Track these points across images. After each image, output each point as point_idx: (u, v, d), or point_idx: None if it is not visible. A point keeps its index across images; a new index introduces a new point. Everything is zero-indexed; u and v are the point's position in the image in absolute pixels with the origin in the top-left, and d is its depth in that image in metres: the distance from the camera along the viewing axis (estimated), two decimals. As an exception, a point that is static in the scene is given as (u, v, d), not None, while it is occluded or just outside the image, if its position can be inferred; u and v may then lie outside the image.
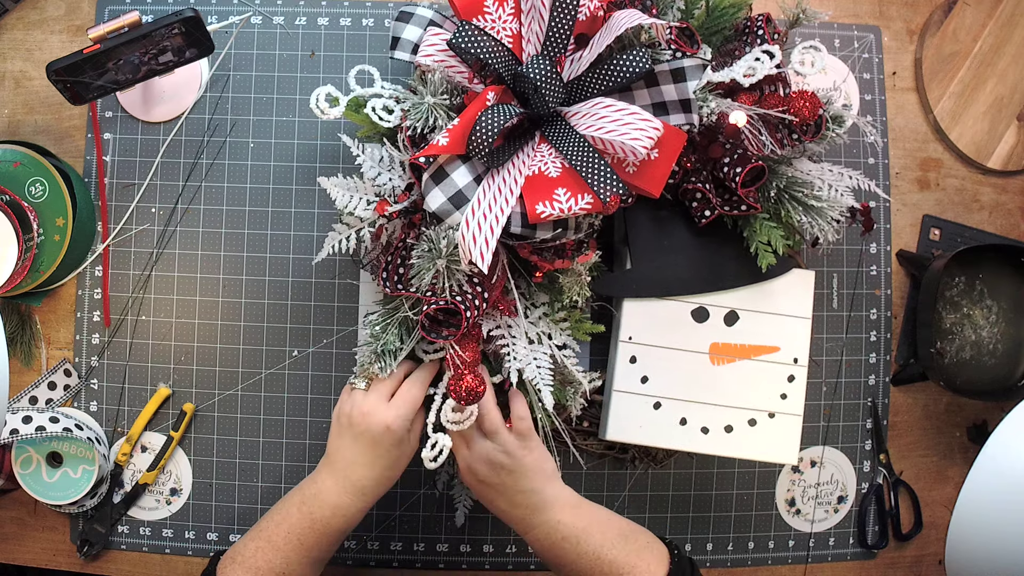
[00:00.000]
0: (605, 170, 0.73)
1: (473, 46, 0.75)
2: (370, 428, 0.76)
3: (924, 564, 1.02)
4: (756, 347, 0.87)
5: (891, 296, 1.02)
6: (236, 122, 0.99)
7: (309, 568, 0.77)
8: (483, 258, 0.70)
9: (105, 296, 0.97)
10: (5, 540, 0.97)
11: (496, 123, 0.72)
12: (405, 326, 0.80)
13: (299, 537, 0.75)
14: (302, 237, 0.98)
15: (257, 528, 0.78)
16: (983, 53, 1.03)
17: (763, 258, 0.81)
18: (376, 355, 0.79)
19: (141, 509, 0.97)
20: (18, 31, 1.00)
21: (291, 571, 0.75)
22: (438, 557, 0.98)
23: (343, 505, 0.76)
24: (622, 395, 0.86)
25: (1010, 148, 1.04)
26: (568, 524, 0.76)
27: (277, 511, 0.78)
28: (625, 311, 0.86)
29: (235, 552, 0.76)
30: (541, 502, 0.77)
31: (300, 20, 1.00)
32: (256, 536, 0.76)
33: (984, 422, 1.03)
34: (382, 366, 0.78)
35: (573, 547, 0.75)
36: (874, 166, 1.02)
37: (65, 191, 0.91)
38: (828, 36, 1.02)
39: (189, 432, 0.97)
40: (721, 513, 1.00)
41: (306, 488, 0.78)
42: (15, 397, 0.94)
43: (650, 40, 0.78)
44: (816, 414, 1.00)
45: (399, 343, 0.79)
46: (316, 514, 0.76)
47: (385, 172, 0.79)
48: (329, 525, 0.76)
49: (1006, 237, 1.04)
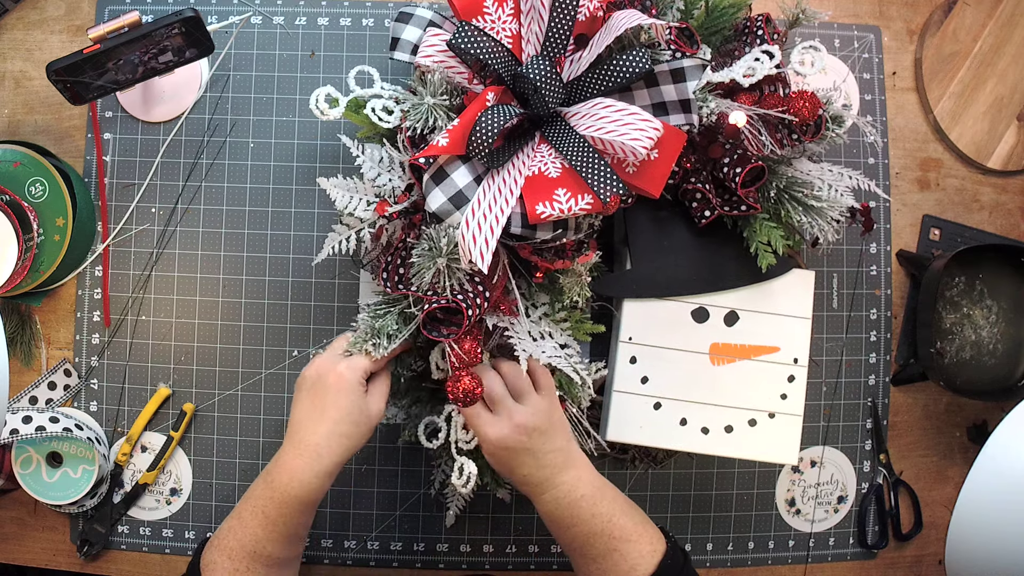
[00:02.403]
0: (605, 170, 0.73)
1: (473, 47, 0.75)
2: (320, 378, 0.74)
3: (924, 564, 1.02)
4: (756, 347, 0.87)
5: (891, 296, 1.02)
6: (236, 122, 0.99)
7: (280, 545, 0.74)
8: (483, 258, 0.70)
9: (105, 296, 0.97)
10: (5, 540, 0.97)
11: (496, 124, 0.72)
12: (403, 317, 0.79)
13: (263, 510, 0.73)
14: (302, 237, 0.98)
15: (234, 508, 0.76)
16: (983, 53, 1.03)
17: (763, 258, 0.81)
18: (372, 331, 0.77)
19: (141, 509, 0.97)
20: (18, 31, 1.00)
21: (260, 548, 0.72)
22: (438, 557, 0.98)
23: (298, 469, 0.72)
24: (622, 395, 0.86)
25: (1010, 148, 1.04)
26: (588, 481, 0.76)
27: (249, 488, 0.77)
28: (625, 311, 0.86)
29: (214, 535, 0.75)
30: (567, 459, 0.76)
31: (300, 20, 1.00)
32: (230, 516, 0.75)
33: (984, 422, 1.03)
34: (375, 343, 0.77)
35: (590, 506, 0.75)
36: (874, 166, 1.02)
37: (65, 191, 0.91)
38: (828, 36, 1.02)
39: (189, 432, 0.97)
40: (721, 513, 1.00)
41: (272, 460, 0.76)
42: (15, 397, 0.94)
43: (650, 40, 0.78)
44: (816, 414, 1.00)
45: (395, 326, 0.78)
46: (275, 482, 0.73)
47: (385, 173, 0.79)
48: (287, 493, 0.72)
49: (1006, 237, 1.04)
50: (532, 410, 0.75)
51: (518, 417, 0.75)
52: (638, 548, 0.73)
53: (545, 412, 0.76)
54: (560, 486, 0.75)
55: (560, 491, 0.75)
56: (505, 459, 0.76)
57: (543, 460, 0.75)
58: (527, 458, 0.75)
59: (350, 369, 0.75)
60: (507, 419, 0.75)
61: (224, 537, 0.74)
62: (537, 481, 0.76)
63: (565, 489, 0.75)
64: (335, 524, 0.97)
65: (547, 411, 0.76)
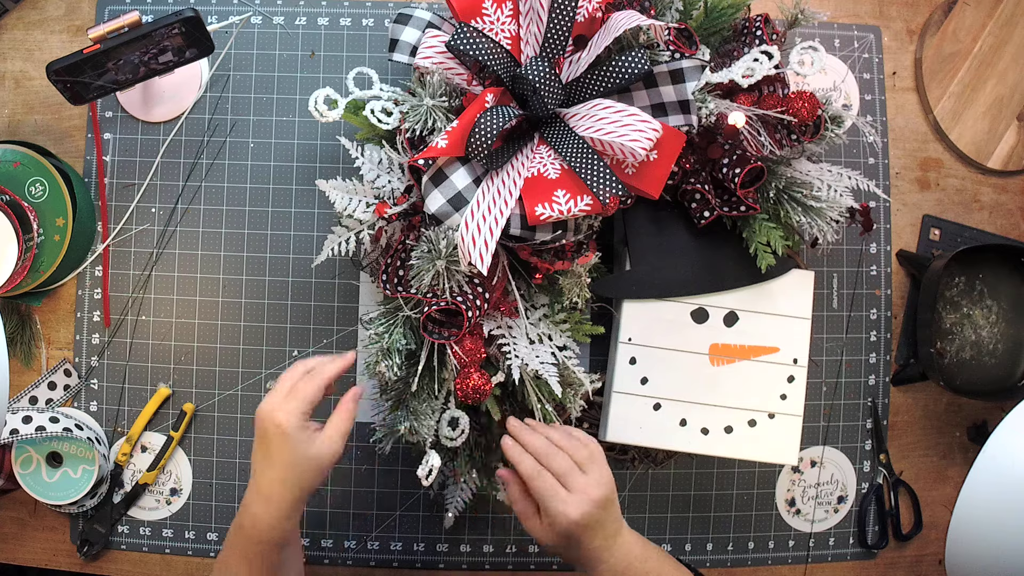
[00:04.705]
0: (604, 171, 0.73)
1: (471, 48, 0.75)
2: (264, 425, 0.71)
3: (924, 564, 1.02)
4: (756, 348, 0.87)
5: (891, 296, 1.02)
6: (236, 122, 0.99)
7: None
8: (482, 260, 0.70)
9: (105, 296, 0.97)
10: (5, 540, 0.97)
11: (495, 125, 0.72)
12: (409, 324, 0.79)
13: (243, 552, 0.72)
14: (302, 237, 0.98)
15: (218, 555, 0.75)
16: (983, 53, 1.03)
17: (762, 259, 0.81)
18: (383, 353, 0.77)
19: (141, 509, 0.97)
20: (18, 31, 1.00)
21: None
22: (438, 557, 0.98)
23: (258, 516, 0.70)
24: (622, 396, 0.86)
25: (1010, 148, 1.03)
26: (634, 542, 0.74)
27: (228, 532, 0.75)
28: (625, 312, 0.86)
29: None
30: (619, 525, 0.74)
31: (300, 20, 1.00)
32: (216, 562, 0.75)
33: (984, 422, 1.03)
34: (388, 364, 0.76)
35: (641, 565, 0.73)
36: (874, 166, 1.02)
37: (65, 191, 0.91)
38: (828, 36, 1.02)
39: (189, 432, 0.97)
40: (721, 513, 1.00)
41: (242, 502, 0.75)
42: (15, 397, 0.94)
43: (649, 41, 0.78)
44: (816, 414, 1.00)
45: (404, 340, 0.78)
46: (243, 526, 0.72)
47: (384, 174, 0.79)
48: (254, 538, 0.71)
49: (1006, 237, 1.04)
50: (602, 481, 0.72)
51: (594, 492, 0.71)
52: None
53: (611, 481, 0.73)
54: (615, 554, 0.73)
55: (616, 558, 0.72)
56: (579, 536, 0.71)
57: (609, 530, 0.72)
58: (598, 531, 0.72)
59: (287, 414, 0.70)
60: (584, 495, 0.71)
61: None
62: (599, 554, 0.72)
63: (620, 555, 0.73)
64: (335, 524, 0.97)
65: (611, 479, 0.73)
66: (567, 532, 0.71)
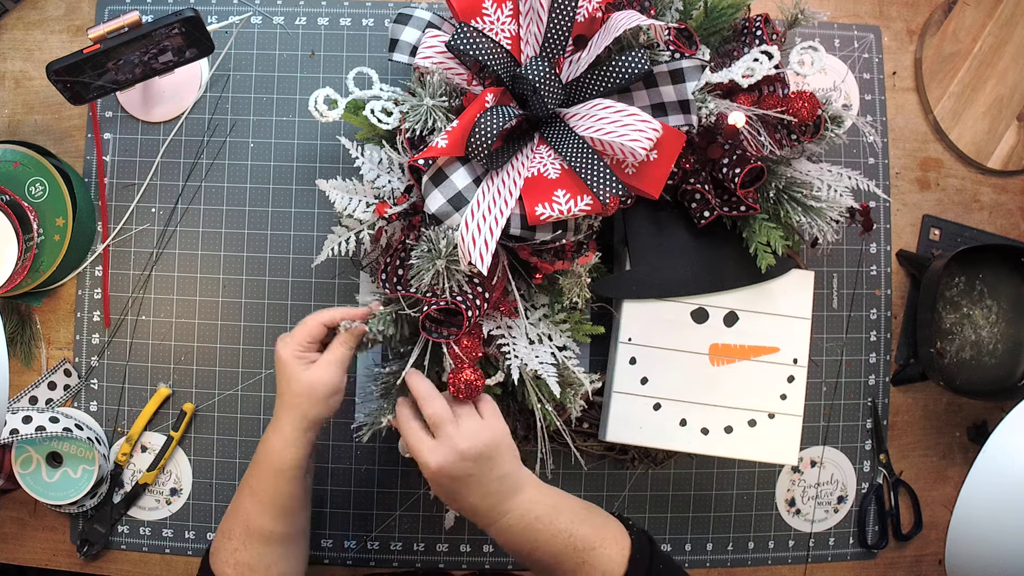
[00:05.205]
0: (604, 171, 0.73)
1: (471, 48, 0.75)
2: (276, 362, 0.78)
3: (924, 564, 1.02)
4: (756, 348, 0.87)
5: (891, 296, 1.02)
6: (236, 122, 0.99)
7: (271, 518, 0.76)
8: (482, 260, 0.70)
9: (105, 296, 0.97)
10: (5, 540, 0.97)
11: (495, 125, 0.72)
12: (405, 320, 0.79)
13: (249, 485, 0.77)
14: (302, 237, 0.98)
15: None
16: (983, 53, 1.03)
17: (762, 259, 0.81)
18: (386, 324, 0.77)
19: (141, 509, 0.97)
20: (18, 31, 1.00)
21: (253, 522, 0.76)
22: (438, 557, 0.98)
23: (269, 441, 0.77)
24: (622, 396, 0.86)
25: (1010, 148, 1.03)
26: (539, 501, 0.72)
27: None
28: (625, 312, 0.86)
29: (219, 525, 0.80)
30: (515, 484, 0.72)
31: (300, 20, 1.00)
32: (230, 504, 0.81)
33: (984, 422, 1.03)
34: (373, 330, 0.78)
35: (546, 526, 0.71)
36: (874, 166, 1.02)
37: (65, 191, 0.91)
38: (828, 36, 1.02)
39: (189, 432, 0.97)
40: (721, 513, 1.00)
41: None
42: (15, 397, 0.94)
43: (649, 41, 0.78)
44: (816, 414, 1.00)
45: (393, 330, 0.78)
46: (256, 457, 0.78)
47: (384, 174, 0.79)
48: (262, 464, 0.77)
49: (1006, 237, 1.04)
50: (476, 434, 0.71)
51: (462, 443, 0.69)
52: (606, 553, 0.70)
53: (491, 437, 0.71)
54: (511, 512, 0.72)
55: (512, 517, 0.72)
56: (448, 487, 0.71)
57: (490, 488, 0.71)
58: (473, 486, 0.71)
59: (285, 346, 0.77)
60: (450, 445, 0.70)
61: (224, 522, 0.79)
62: (485, 510, 0.72)
63: (517, 515, 0.72)
64: (335, 524, 0.97)
65: (492, 435, 0.72)
66: (432, 480, 0.71)
